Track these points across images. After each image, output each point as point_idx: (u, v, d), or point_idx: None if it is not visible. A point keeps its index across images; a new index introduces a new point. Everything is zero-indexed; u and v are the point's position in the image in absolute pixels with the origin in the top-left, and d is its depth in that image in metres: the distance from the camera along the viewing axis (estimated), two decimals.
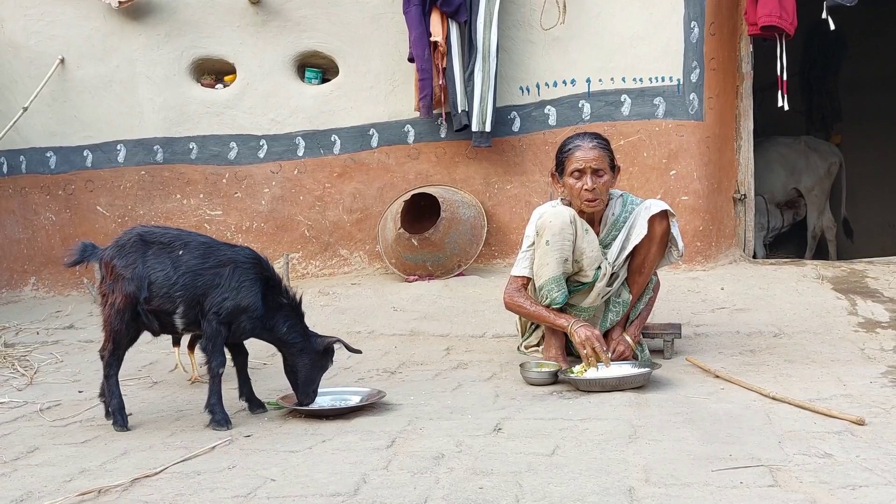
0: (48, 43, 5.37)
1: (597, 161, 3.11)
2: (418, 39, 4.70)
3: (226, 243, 2.82)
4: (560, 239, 3.08)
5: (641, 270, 3.24)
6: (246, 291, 2.68)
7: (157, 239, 2.72)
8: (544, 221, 3.11)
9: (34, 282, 5.53)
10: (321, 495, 2.03)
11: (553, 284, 3.12)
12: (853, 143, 7.23)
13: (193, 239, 2.75)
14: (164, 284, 2.66)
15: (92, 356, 3.89)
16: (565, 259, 3.10)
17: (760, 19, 4.52)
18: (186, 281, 2.66)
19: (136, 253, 2.68)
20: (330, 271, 5.14)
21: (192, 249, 2.70)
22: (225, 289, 2.67)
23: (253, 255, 2.76)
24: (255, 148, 5.22)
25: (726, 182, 4.92)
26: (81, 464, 2.36)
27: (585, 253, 3.12)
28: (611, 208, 3.27)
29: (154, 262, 2.67)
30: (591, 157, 3.11)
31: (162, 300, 2.67)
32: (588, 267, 3.14)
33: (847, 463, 2.09)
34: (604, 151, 3.14)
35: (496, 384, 3.09)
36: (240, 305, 2.67)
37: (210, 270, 2.68)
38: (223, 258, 2.71)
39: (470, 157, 4.96)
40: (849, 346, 3.38)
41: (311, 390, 2.78)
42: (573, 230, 3.10)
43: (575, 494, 1.96)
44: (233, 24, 5.16)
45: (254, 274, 2.71)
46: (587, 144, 3.14)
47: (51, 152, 5.49)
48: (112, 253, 2.71)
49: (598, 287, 3.17)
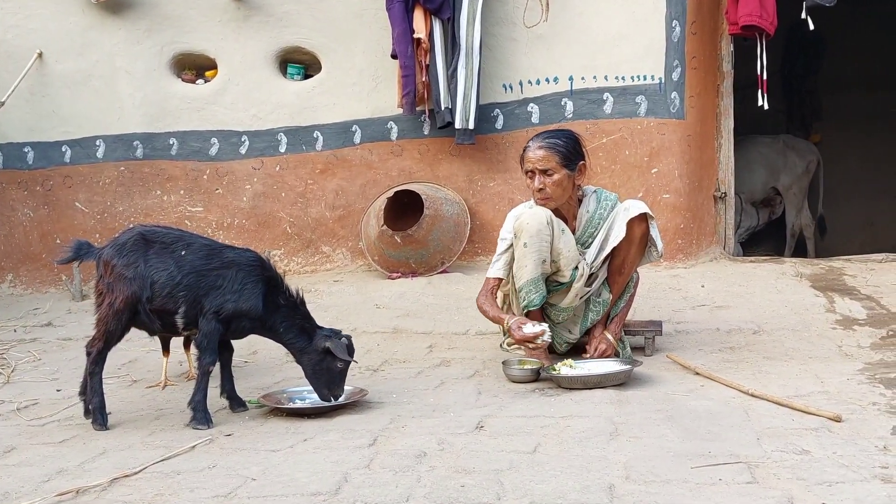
0: (26, 37, 5.30)
1: (542, 161, 3.12)
2: (401, 36, 4.69)
3: (229, 245, 2.84)
4: (537, 240, 3.09)
5: (622, 271, 3.26)
6: (248, 294, 2.68)
7: (159, 239, 2.71)
8: (521, 223, 3.12)
9: (11, 279, 5.46)
10: (302, 494, 2.02)
11: (531, 286, 3.14)
12: (833, 143, 7.30)
13: (196, 241, 2.76)
14: (167, 284, 2.65)
15: (71, 354, 3.85)
16: (543, 260, 3.12)
17: (741, 19, 4.55)
18: (190, 281, 2.66)
19: (138, 252, 2.67)
20: (312, 268, 5.12)
21: (195, 251, 2.71)
22: (228, 290, 2.67)
23: (255, 257, 2.77)
24: (237, 144, 5.18)
25: (707, 180, 4.95)
26: (59, 464, 2.34)
27: (562, 253, 3.13)
28: (585, 205, 3.28)
29: (156, 261, 2.66)
30: (537, 158, 3.13)
31: (165, 300, 2.66)
32: (565, 267, 3.15)
33: (824, 459, 2.11)
34: (551, 151, 3.13)
35: (479, 382, 3.10)
36: (241, 308, 2.68)
37: (214, 272, 2.68)
38: (227, 260, 2.71)
39: (453, 155, 4.96)
40: (827, 343, 3.42)
41: (325, 390, 2.74)
42: (550, 231, 3.11)
43: (556, 492, 1.97)
44: (214, 18, 5.12)
45: (256, 276, 2.71)
46: (535, 145, 3.17)
47: (28, 147, 5.42)
48: (112, 252, 2.69)
49: (575, 287, 3.18)
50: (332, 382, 2.75)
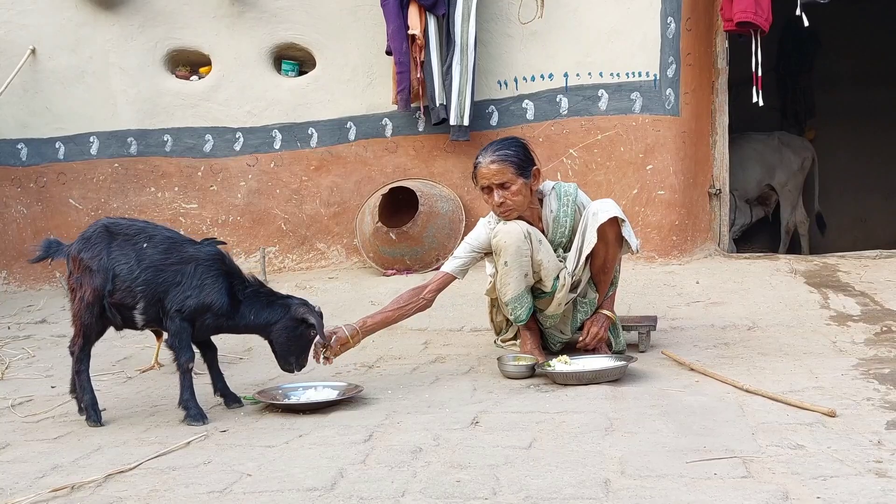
0: (19, 33, 5.28)
1: (498, 175, 3.05)
2: (396, 32, 4.68)
3: (190, 239, 2.78)
4: (517, 257, 3.07)
5: (604, 270, 3.24)
6: (209, 289, 2.65)
7: (122, 231, 2.68)
8: (499, 242, 3.08)
9: (5, 276, 5.45)
10: (298, 490, 2.02)
11: (516, 303, 3.15)
12: (826, 139, 7.33)
13: (159, 233, 2.72)
14: (126, 278, 2.62)
15: (65, 351, 3.81)
16: (525, 274, 3.10)
17: (736, 15, 4.56)
18: (148, 276, 2.63)
19: (102, 244, 2.65)
20: (307, 265, 5.11)
21: (156, 244, 2.67)
22: (187, 287, 2.64)
23: (215, 252, 2.72)
24: (231, 140, 5.17)
25: (702, 177, 4.96)
26: (54, 460, 2.33)
27: (542, 265, 3.11)
28: (547, 206, 3.23)
29: (118, 253, 2.64)
30: (492, 173, 3.05)
31: (123, 294, 2.64)
32: (546, 278, 3.12)
33: (818, 454, 2.12)
34: (504, 163, 3.05)
35: (474, 378, 3.10)
36: (203, 303, 2.65)
37: (172, 267, 2.65)
38: (186, 255, 2.67)
39: (448, 151, 4.96)
40: (821, 339, 3.43)
41: (289, 360, 2.76)
42: (528, 244, 3.07)
43: (552, 487, 1.97)
44: (208, 14, 5.11)
45: (216, 271, 2.68)
46: (486, 160, 3.07)
47: (22, 144, 5.40)
48: (79, 246, 2.67)
49: (557, 297, 3.15)
50: (302, 351, 2.78)
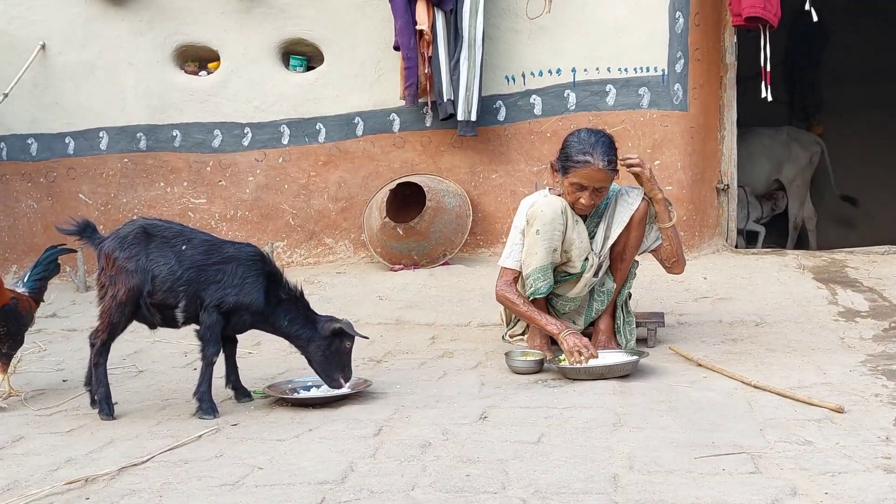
0: (29, 28, 5.30)
1: (602, 182, 3.07)
2: (404, 28, 4.68)
3: (229, 241, 2.84)
4: (550, 229, 3.08)
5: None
6: (249, 288, 2.69)
7: (160, 233, 2.72)
8: (535, 210, 3.11)
9: (16, 270, 5.47)
10: (309, 483, 2.04)
11: (539, 274, 3.12)
12: (834, 134, 7.30)
13: (196, 236, 2.78)
14: (167, 279, 2.66)
15: (76, 344, 3.87)
16: (554, 249, 3.11)
17: (745, 10, 4.54)
18: (191, 276, 2.67)
19: (139, 245, 2.67)
20: (315, 260, 5.13)
21: (195, 245, 2.72)
22: (228, 284, 2.68)
23: (255, 252, 2.78)
24: (240, 136, 5.19)
25: (710, 172, 4.96)
26: (67, 453, 2.36)
27: (574, 244, 3.13)
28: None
29: (157, 255, 2.67)
30: (598, 178, 3.05)
31: (165, 294, 2.67)
32: (577, 258, 3.15)
33: (827, 450, 2.12)
34: (613, 172, 3.08)
35: (482, 373, 3.11)
36: (242, 301, 2.69)
37: (214, 266, 2.69)
38: (226, 255, 2.72)
39: (455, 147, 4.96)
40: (829, 335, 3.43)
41: (333, 376, 2.77)
42: (564, 220, 3.10)
43: (560, 481, 1.98)
44: (217, 10, 5.12)
45: (257, 270, 2.73)
46: (599, 164, 3.03)
47: (32, 139, 5.43)
48: (113, 244, 2.69)
49: (585, 278, 3.19)
50: (343, 365, 2.78)
